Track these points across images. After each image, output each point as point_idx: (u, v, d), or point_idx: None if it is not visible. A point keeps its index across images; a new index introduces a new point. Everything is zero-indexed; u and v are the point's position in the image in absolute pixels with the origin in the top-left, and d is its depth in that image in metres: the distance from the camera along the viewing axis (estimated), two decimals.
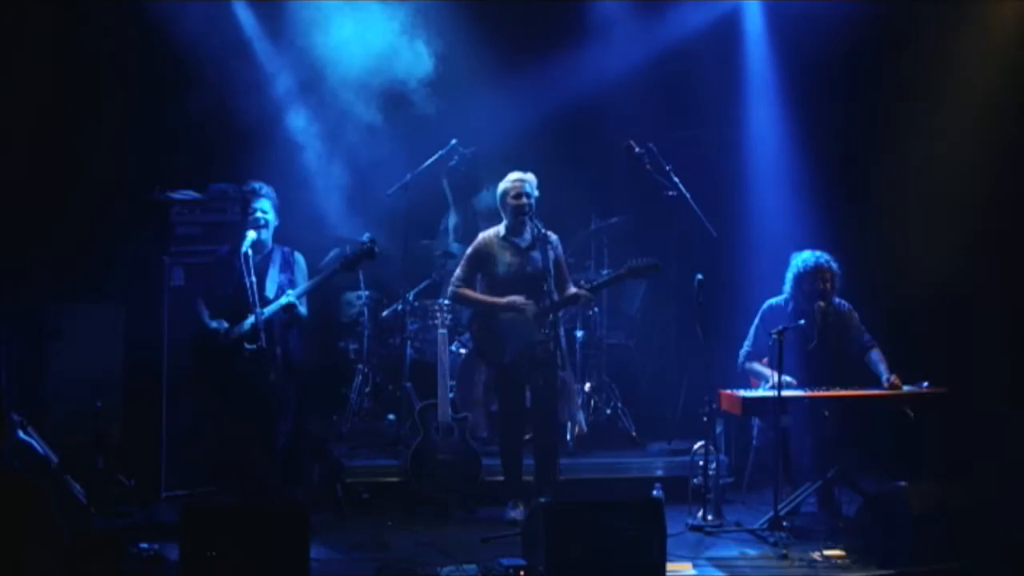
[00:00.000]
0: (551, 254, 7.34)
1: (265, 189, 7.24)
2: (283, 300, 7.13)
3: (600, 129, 8.98)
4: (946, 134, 8.63)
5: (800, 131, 9.09)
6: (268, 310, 7.06)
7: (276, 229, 7.31)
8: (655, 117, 8.81)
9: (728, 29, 9.26)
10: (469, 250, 7.58)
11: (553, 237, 7.42)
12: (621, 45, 9.17)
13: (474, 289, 7.50)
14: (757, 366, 7.58)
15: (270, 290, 7.16)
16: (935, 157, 8.68)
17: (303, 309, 7.19)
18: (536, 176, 7.49)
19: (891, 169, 8.90)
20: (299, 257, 7.37)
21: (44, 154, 7.91)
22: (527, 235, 7.46)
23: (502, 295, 7.41)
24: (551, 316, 7.22)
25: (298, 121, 8.17)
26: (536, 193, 7.44)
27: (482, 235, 7.59)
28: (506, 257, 7.46)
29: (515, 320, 7.35)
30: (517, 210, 7.40)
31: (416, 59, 8.17)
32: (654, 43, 9.18)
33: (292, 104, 8.19)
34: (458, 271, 7.56)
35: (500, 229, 7.53)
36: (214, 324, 7.14)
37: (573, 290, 7.52)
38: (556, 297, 7.30)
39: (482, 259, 7.49)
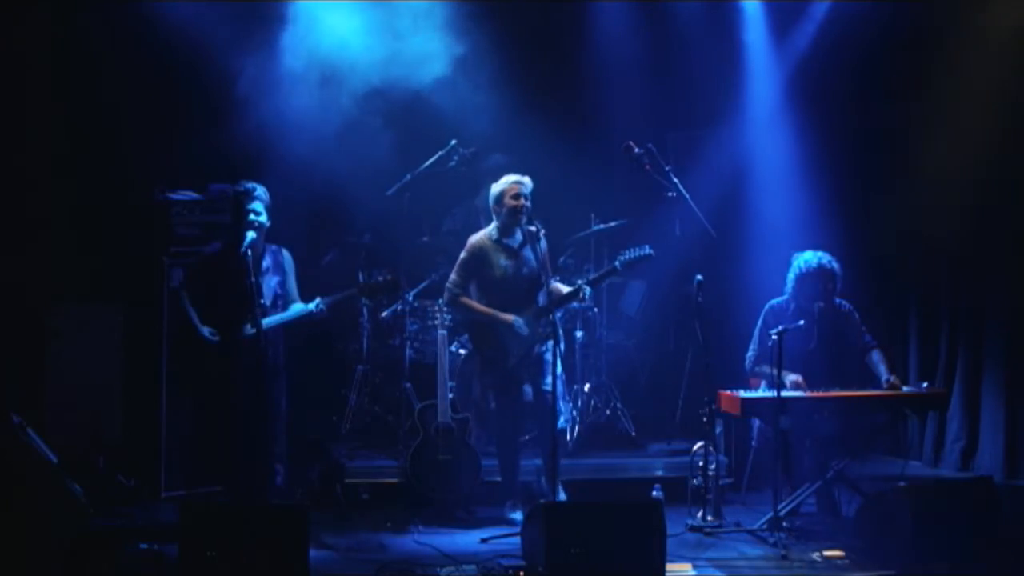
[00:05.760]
0: (541, 250, 7.34)
1: (259, 190, 7.13)
2: (298, 311, 7.08)
3: (600, 129, 8.97)
4: (948, 134, 8.62)
5: (801, 131, 9.08)
6: (270, 321, 6.93)
7: (267, 229, 7.21)
8: (655, 117, 8.82)
9: (729, 29, 9.25)
10: (463, 254, 7.51)
11: (540, 230, 7.35)
12: (621, 45, 9.17)
13: (469, 293, 7.48)
14: (768, 369, 7.42)
15: (266, 297, 7.03)
16: (936, 157, 8.67)
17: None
18: (535, 177, 7.48)
19: (892, 169, 8.90)
20: (287, 254, 7.25)
21: (44, 154, 7.91)
22: (517, 235, 7.44)
23: (498, 298, 7.40)
24: (551, 316, 7.23)
25: (299, 120, 8.16)
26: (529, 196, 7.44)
27: (474, 238, 7.53)
28: (501, 259, 7.44)
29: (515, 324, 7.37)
30: (514, 211, 7.37)
31: (417, 60, 8.17)
32: (654, 42, 9.18)
33: (293, 103, 8.18)
34: (453, 276, 7.51)
35: (491, 231, 7.50)
36: (206, 331, 7.00)
37: (560, 287, 7.53)
38: (551, 294, 7.32)
39: (477, 262, 7.46)
